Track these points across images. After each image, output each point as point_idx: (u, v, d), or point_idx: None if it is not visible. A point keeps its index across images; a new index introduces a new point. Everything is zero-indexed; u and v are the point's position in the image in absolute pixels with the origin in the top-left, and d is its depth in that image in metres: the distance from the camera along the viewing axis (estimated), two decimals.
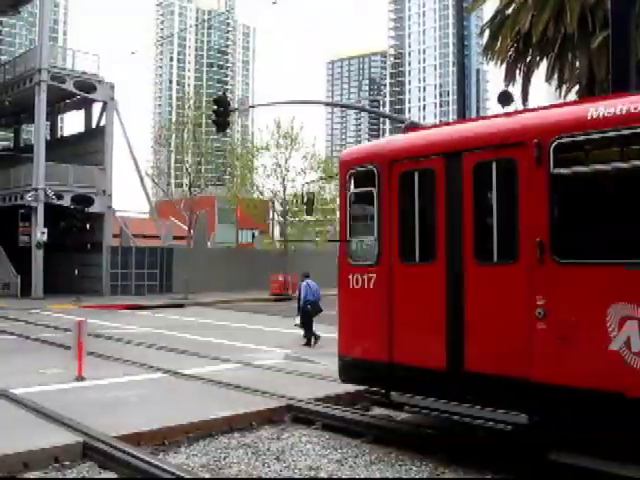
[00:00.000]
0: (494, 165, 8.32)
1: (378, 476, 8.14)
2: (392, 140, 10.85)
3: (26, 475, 7.99)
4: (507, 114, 8.95)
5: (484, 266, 8.38)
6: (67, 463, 8.37)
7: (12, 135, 62.20)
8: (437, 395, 8.72)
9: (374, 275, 9.55)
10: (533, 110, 9.09)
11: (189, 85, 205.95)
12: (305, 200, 13.68)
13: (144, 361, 15.43)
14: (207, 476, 8.08)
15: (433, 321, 8.83)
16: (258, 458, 8.74)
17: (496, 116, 9.21)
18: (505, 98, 9.45)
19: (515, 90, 23.77)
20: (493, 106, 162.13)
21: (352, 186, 10.17)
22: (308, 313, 19.14)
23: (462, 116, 21.86)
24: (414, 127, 10.90)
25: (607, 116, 7.32)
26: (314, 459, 8.76)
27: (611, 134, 7.32)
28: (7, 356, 17.20)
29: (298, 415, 10.68)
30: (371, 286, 9.58)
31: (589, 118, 7.47)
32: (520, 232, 7.96)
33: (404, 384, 9.16)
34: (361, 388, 10.41)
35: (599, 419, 7.24)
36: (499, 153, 8.27)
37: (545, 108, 8.68)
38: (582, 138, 7.52)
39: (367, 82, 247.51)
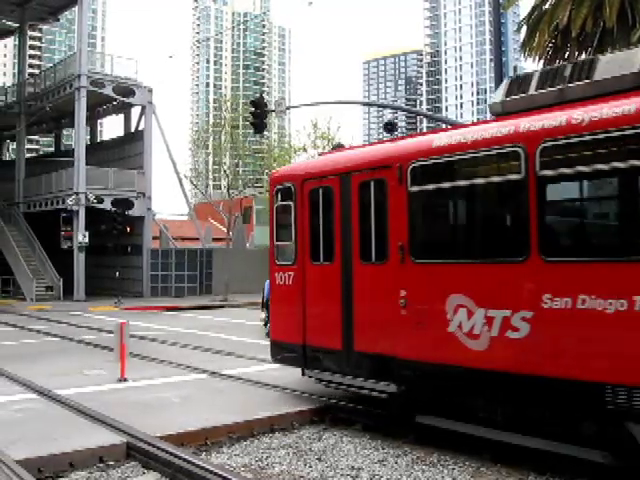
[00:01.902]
0: (372, 184, 10.24)
1: (420, 476, 8.09)
2: (307, 162, 13.61)
3: (72, 474, 8.11)
4: (391, 140, 11.14)
5: (366, 265, 10.25)
6: (111, 463, 8.48)
7: (53, 140, 63.14)
8: (337, 371, 10.71)
9: (292, 273, 11.60)
10: (409, 137, 11.32)
11: (226, 87, 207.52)
12: None
13: (185, 362, 15.55)
14: (249, 476, 8.11)
15: (332, 310, 10.72)
16: (300, 458, 8.76)
17: (382, 142, 11.41)
18: (390, 128, 12.75)
19: None
20: None
21: (278, 200, 12.15)
22: None
23: None
24: (340, 148, 12.91)
25: (443, 145, 9.24)
26: (355, 459, 8.75)
27: (445, 160, 9.19)
28: (51, 357, 17.46)
29: (339, 415, 10.67)
30: (290, 282, 11.64)
31: (433, 147, 9.41)
32: (389, 237, 9.78)
33: (314, 362, 11.14)
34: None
35: (447, 387, 9.13)
36: (375, 174, 10.17)
37: (410, 136, 11.35)
38: (428, 163, 9.41)
39: (403, 81, 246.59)
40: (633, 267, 7.16)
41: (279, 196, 12.11)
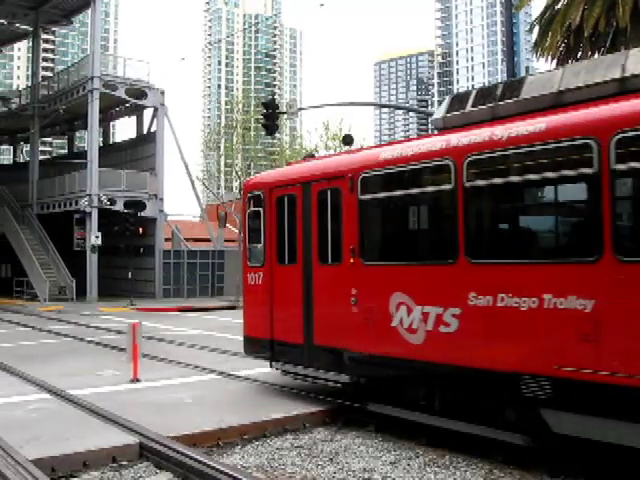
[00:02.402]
0: (329, 192, 11.16)
1: (432, 478, 8.08)
2: (277, 170, 15.17)
3: (85, 474, 8.16)
4: (349, 152, 12.16)
5: (323, 266, 11.22)
6: (124, 463, 8.51)
7: (66, 142, 63.48)
8: (299, 363, 11.68)
9: (262, 273, 12.62)
10: (363, 149, 12.48)
11: (237, 89, 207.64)
12: None
13: (197, 363, 15.59)
14: (261, 477, 8.13)
15: (295, 307, 11.70)
16: (312, 460, 8.77)
17: (340, 154, 12.62)
18: (348, 140, 13.99)
19: None
20: None
21: (250, 206, 13.10)
22: None
23: None
24: (310, 157, 13.80)
25: (388, 158, 10.17)
26: (368, 461, 8.74)
27: (389, 171, 10.15)
28: (64, 358, 17.55)
29: (351, 416, 10.67)
30: (260, 282, 12.68)
31: (380, 159, 10.36)
32: (343, 241, 10.75)
33: (280, 356, 12.14)
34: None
35: (392, 377, 10.17)
36: (331, 183, 11.08)
37: (364, 149, 12.45)
38: (375, 174, 10.39)
39: (415, 82, 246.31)
40: (542, 268, 8.12)
41: (251, 202, 13.09)
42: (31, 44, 57.33)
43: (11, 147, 64.90)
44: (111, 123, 56.44)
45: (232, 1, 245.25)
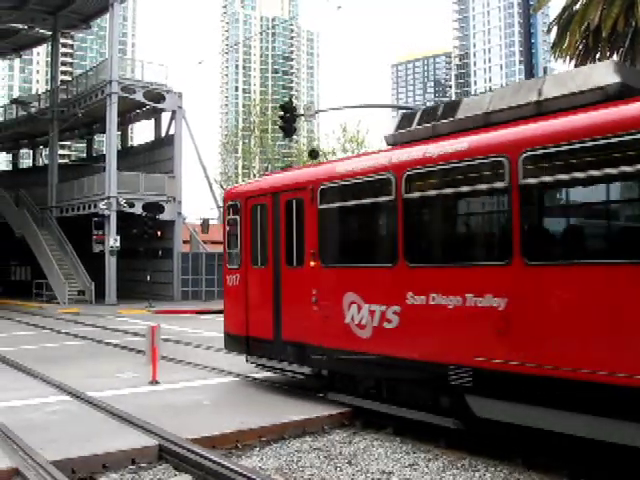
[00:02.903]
0: (294, 202, 12.31)
1: None
2: (253, 182, 16.25)
3: (105, 476, 8.20)
4: (314, 165, 13.47)
5: (289, 269, 12.39)
6: (144, 465, 8.55)
7: (85, 146, 63.93)
8: (270, 357, 12.96)
9: (238, 275, 13.96)
10: (326, 163, 13.77)
11: (255, 92, 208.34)
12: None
13: (215, 365, 15.63)
14: (280, 479, 8.13)
15: (266, 306, 12.94)
16: (330, 462, 8.76)
17: (307, 166, 14.04)
18: (314, 155, 16.54)
19: None
20: None
21: (229, 214, 14.51)
22: None
23: None
24: (288, 168, 15.21)
25: (342, 172, 11.42)
26: (386, 463, 8.73)
27: (342, 184, 11.36)
28: (83, 360, 17.66)
29: (369, 419, 10.65)
30: (237, 283, 14.02)
31: (335, 173, 11.58)
32: (306, 246, 11.92)
33: (254, 350, 13.42)
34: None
35: (346, 369, 11.28)
36: (296, 194, 12.24)
37: (327, 163, 13.79)
38: (331, 185, 11.54)
39: (432, 83, 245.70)
40: (465, 271, 9.20)
41: (229, 211, 14.54)
42: (50, 48, 57.77)
43: (31, 151, 65.50)
44: (129, 126, 56.74)
45: (249, 4, 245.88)
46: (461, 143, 9.37)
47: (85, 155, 63.25)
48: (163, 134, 48.46)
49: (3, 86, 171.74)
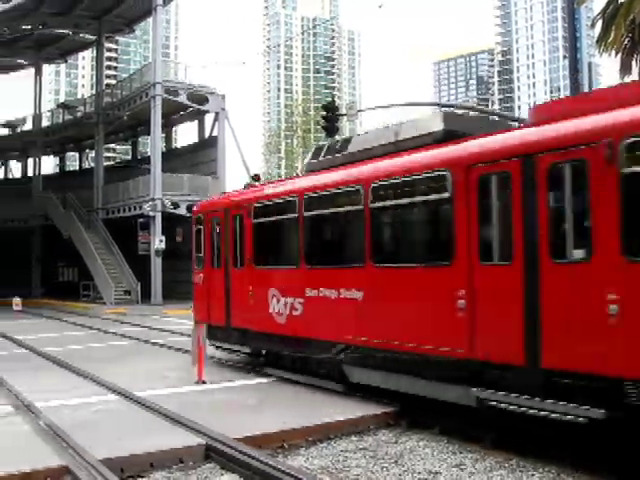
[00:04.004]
0: (238, 217, 15.43)
1: None
2: (212, 199, 20.74)
3: (153, 474, 8.27)
4: (255, 187, 16.25)
5: (235, 269, 15.49)
6: (190, 464, 8.60)
7: (130, 148, 64.75)
8: (224, 340, 16.07)
9: (202, 275, 17.23)
10: (262, 185, 16.44)
11: (297, 92, 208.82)
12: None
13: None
14: (326, 479, 8.11)
15: (220, 299, 16.00)
16: (377, 462, 8.70)
17: (252, 186, 16.50)
18: (255, 178, 18.12)
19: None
20: None
21: (195, 224, 17.73)
22: None
23: None
24: (251, 184, 17.07)
25: (268, 194, 14.72)
26: (433, 463, 8.63)
27: (266, 203, 14.56)
28: (130, 359, 17.89)
29: (415, 419, 10.57)
30: (201, 282, 17.29)
31: (264, 194, 14.90)
32: (245, 251, 15.04)
33: (214, 335, 16.12)
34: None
35: (274, 346, 14.29)
36: (239, 210, 15.45)
37: (264, 184, 16.66)
38: (259, 205, 14.72)
39: (474, 81, 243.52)
40: (339, 271, 12.18)
41: (196, 222, 17.76)
42: (95, 53, 58.71)
43: (77, 154, 66.57)
44: (173, 128, 57.30)
45: (290, 5, 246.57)
46: (338, 174, 12.53)
47: (130, 157, 64.06)
48: (206, 136, 48.81)
49: (50, 91, 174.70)
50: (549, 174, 8.52)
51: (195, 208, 18.73)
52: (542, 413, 8.36)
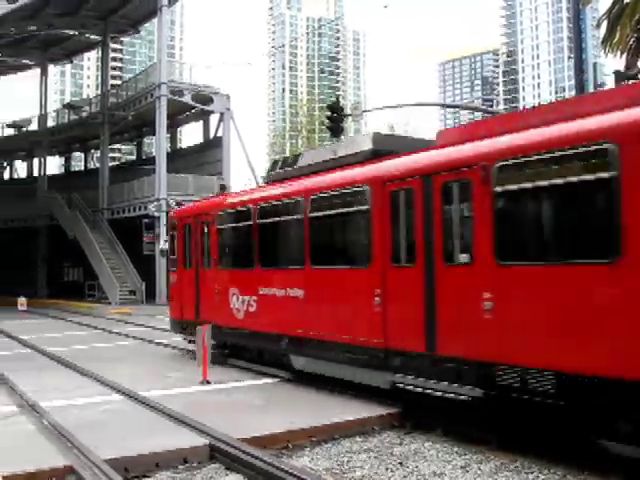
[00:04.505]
0: (205, 223, 17.14)
1: None
2: (186, 206, 22.89)
3: (158, 474, 8.26)
4: (220, 196, 18.06)
5: (204, 270, 17.12)
6: (195, 464, 8.59)
7: (135, 148, 64.83)
8: (193, 334, 16.04)
9: (176, 276, 19.10)
10: (225, 195, 17.75)
11: (301, 92, 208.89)
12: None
13: (261, 366, 15.64)
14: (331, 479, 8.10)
15: (191, 297, 17.72)
16: (381, 463, 8.67)
17: (218, 196, 18.44)
18: (222, 189, 19.52)
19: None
20: None
21: (170, 230, 20.01)
22: None
23: None
24: (223, 192, 18.73)
25: (229, 203, 16.38)
26: (438, 465, 8.60)
27: (228, 211, 16.21)
28: (134, 360, 17.90)
29: (420, 420, 10.54)
30: (175, 281, 19.26)
31: (225, 203, 16.51)
32: (211, 254, 16.75)
33: (186, 329, 18.11)
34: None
35: (235, 339, 15.93)
36: (207, 217, 17.09)
37: (224, 195, 17.67)
38: (222, 213, 16.42)
39: (479, 81, 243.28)
40: (286, 272, 13.77)
41: (171, 227, 19.85)
42: (100, 53, 58.80)
43: (82, 154, 66.67)
44: (178, 129, 57.38)
45: (295, 6, 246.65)
46: (285, 187, 14.07)
47: (135, 157, 64.17)
48: (211, 136, 48.89)
49: (55, 91, 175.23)
50: (443, 191, 10.03)
51: (171, 214, 21.15)
52: (438, 392, 9.92)
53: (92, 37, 55.31)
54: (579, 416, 8.29)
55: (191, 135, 67.32)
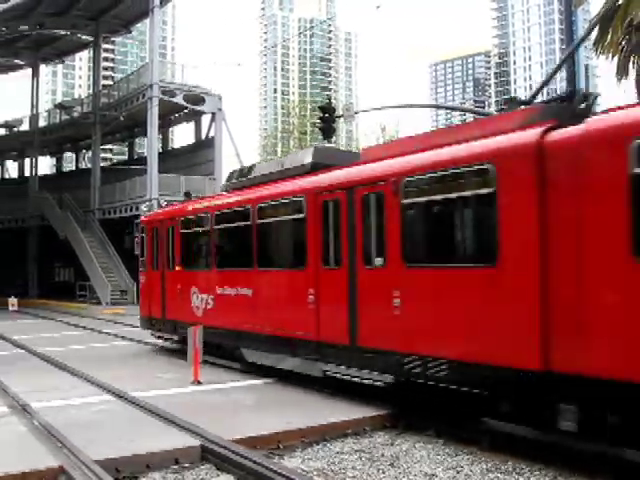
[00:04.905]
0: (170, 228, 18.59)
1: None
2: (153, 212, 24.83)
3: (149, 475, 8.26)
4: (185, 202, 20.35)
5: (169, 271, 18.72)
6: (186, 465, 8.59)
7: (127, 148, 64.67)
8: (160, 329, 19.42)
9: (145, 276, 20.76)
10: (188, 202, 20.05)
11: (293, 93, 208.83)
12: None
13: (256, 366, 15.64)
14: None
15: (158, 296, 19.30)
16: (373, 464, 8.69)
17: (182, 202, 21.08)
18: (187, 196, 22.07)
19: (629, 84, 22.85)
20: (603, 102, 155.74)
21: (140, 233, 21.67)
22: None
23: None
24: (187, 198, 21.39)
25: (190, 210, 18.15)
26: (429, 466, 8.62)
27: (188, 217, 17.98)
28: (126, 360, 17.90)
29: (411, 421, 10.56)
30: (145, 281, 20.87)
31: (187, 210, 18.26)
32: (175, 256, 18.31)
33: (154, 326, 19.91)
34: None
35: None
36: (172, 222, 18.62)
37: (188, 202, 20.00)
38: (184, 219, 18.04)
39: (471, 83, 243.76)
40: (238, 272, 15.25)
41: (141, 231, 21.33)
42: (92, 54, 58.62)
43: (74, 154, 66.45)
44: (170, 129, 57.29)
45: (287, 6, 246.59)
46: (237, 197, 15.73)
47: (127, 158, 64.00)
48: (203, 136, 48.83)
49: (47, 91, 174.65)
50: (362, 202, 11.38)
51: (142, 219, 22.67)
52: (355, 379, 11.47)
53: (84, 37, 55.08)
54: (470, 398, 9.46)
55: (183, 135, 67.23)
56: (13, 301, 40.59)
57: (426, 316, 10.09)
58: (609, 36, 22.34)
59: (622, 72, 22.50)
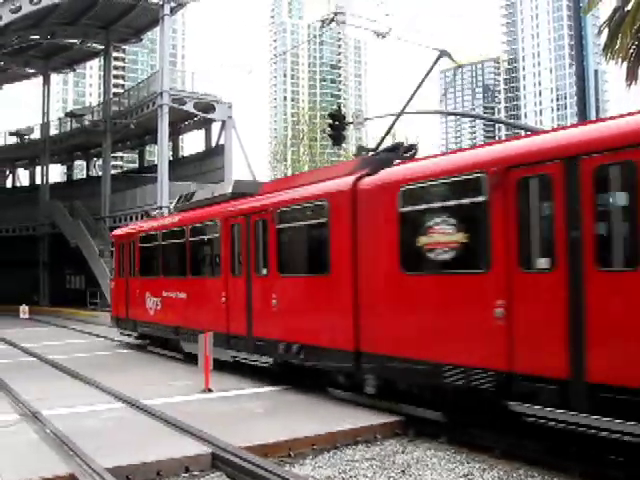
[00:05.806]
0: (133, 242, 22.10)
1: None
2: (122, 227, 27.45)
3: None
4: (146, 220, 25.75)
5: (131, 278, 22.17)
6: (197, 473, 8.60)
7: (137, 156, 64.85)
8: (125, 328, 23.18)
9: (115, 282, 24.45)
10: (149, 220, 25.04)
11: (303, 100, 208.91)
12: None
13: (267, 373, 15.61)
14: None
15: (123, 299, 22.78)
16: (384, 471, 8.65)
17: (145, 221, 25.07)
18: (147, 214, 31.61)
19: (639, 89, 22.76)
20: (612, 107, 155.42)
21: (111, 246, 25.66)
22: None
23: (583, 118, 21.06)
24: (148, 217, 27.20)
25: (148, 227, 22.05)
26: (440, 473, 8.59)
27: (147, 234, 21.50)
28: (136, 368, 17.90)
29: (422, 428, 10.52)
30: (114, 286, 24.63)
31: (145, 228, 22.22)
32: (136, 266, 21.91)
33: (121, 324, 23.59)
34: None
35: (151, 331, 21.05)
36: (133, 237, 22.27)
37: (154, 219, 24.50)
38: (143, 235, 21.69)
39: (481, 89, 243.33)
40: (178, 280, 18.76)
41: (112, 245, 25.30)
42: (102, 62, 58.83)
43: (84, 162, 66.67)
44: (180, 137, 57.36)
45: (296, 14, 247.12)
46: (177, 218, 19.40)
47: (137, 166, 64.17)
48: (213, 144, 48.85)
49: (58, 100, 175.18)
50: (254, 226, 14.92)
51: (112, 233, 26.52)
52: (252, 362, 14.99)
53: (94, 46, 55.29)
54: (320, 373, 12.92)
55: (193, 143, 67.27)
56: (25, 309, 40.72)
57: (290, 312, 13.63)
58: (618, 42, 22.24)
59: (631, 77, 22.38)
